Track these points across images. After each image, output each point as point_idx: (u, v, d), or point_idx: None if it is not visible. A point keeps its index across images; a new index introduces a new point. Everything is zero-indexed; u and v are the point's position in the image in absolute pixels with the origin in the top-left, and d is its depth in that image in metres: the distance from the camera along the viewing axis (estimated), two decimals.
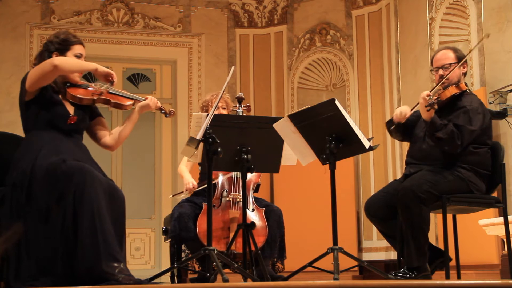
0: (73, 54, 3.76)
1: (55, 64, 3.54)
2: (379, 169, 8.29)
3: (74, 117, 3.67)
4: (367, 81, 8.52)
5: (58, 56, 3.71)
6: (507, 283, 2.81)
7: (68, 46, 3.76)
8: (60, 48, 3.75)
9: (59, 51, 3.74)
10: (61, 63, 3.57)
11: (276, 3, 9.15)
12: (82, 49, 3.80)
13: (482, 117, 4.11)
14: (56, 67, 3.55)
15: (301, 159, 4.08)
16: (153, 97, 3.92)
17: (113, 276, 3.30)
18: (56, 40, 3.77)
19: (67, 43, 3.76)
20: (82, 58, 3.79)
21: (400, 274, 3.95)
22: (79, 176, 3.40)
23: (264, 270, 3.99)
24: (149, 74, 9.05)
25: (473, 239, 5.94)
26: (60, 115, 3.64)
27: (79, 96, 3.70)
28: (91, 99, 3.72)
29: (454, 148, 4.03)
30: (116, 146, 3.92)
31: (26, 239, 3.38)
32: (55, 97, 3.67)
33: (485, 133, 4.17)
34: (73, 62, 3.70)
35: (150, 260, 8.72)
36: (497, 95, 5.94)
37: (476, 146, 4.12)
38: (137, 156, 8.79)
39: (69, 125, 3.66)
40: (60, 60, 3.60)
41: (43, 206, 3.39)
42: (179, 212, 4.50)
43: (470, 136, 4.05)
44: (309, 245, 6.50)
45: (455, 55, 4.28)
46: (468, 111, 4.09)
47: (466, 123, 4.05)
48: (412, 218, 3.96)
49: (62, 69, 3.59)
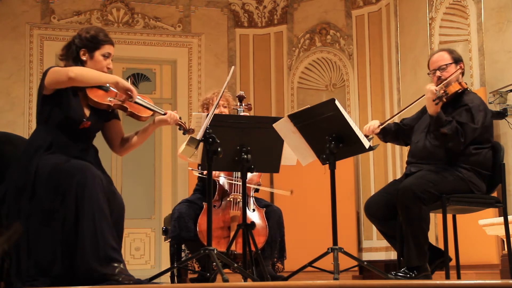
0: (102, 53, 3.67)
1: (70, 77, 3.46)
2: (379, 169, 8.29)
3: (87, 122, 3.60)
4: (367, 81, 8.52)
5: (86, 53, 3.65)
6: (507, 283, 2.81)
7: (98, 45, 3.67)
8: (89, 46, 3.66)
9: (87, 48, 3.66)
10: (77, 76, 3.48)
11: (276, 3, 9.15)
12: (112, 49, 3.71)
13: (484, 114, 4.12)
14: (71, 80, 3.47)
15: (301, 159, 4.08)
16: (173, 113, 3.79)
17: (113, 276, 3.30)
18: (86, 36, 3.67)
19: (97, 42, 3.67)
20: (110, 57, 3.70)
21: (401, 274, 3.95)
22: (81, 175, 3.39)
23: (264, 270, 3.99)
24: (149, 74, 9.05)
25: (473, 239, 5.94)
26: (74, 118, 3.57)
27: (96, 100, 3.58)
28: (107, 105, 3.61)
29: (458, 145, 4.03)
30: (123, 154, 3.89)
31: (27, 239, 3.37)
32: (73, 97, 3.59)
33: (487, 130, 4.17)
34: (90, 75, 3.57)
35: (150, 260, 8.72)
36: (497, 95, 5.94)
37: (478, 147, 4.12)
38: (137, 156, 8.78)
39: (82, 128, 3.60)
40: (76, 72, 3.49)
41: (46, 206, 3.38)
42: (179, 212, 4.50)
43: (473, 134, 4.05)
44: (309, 245, 6.50)
45: (450, 56, 4.29)
46: (471, 109, 4.09)
47: (469, 121, 4.05)
48: (411, 218, 3.96)
49: (77, 83, 3.51)
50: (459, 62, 4.26)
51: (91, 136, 3.71)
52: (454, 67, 4.24)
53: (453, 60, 4.27)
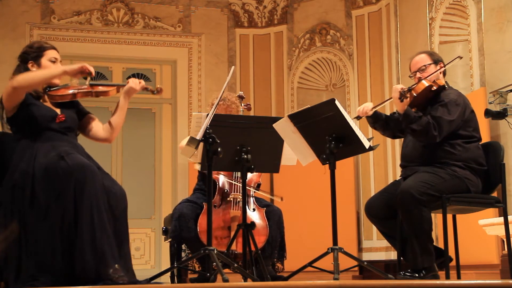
0: (48, 59, 3.77)
1: (13, 86, 3.56)
2: (379, 169, 8.29)
3: (61, 116, 3.68)
4: (367, 81, 8.52)
5: (34, 65, 3.74)
6: (507, 283, 2.81)
7: (41, 53, 3.78)
8: (34, 56, 3.78)
9: (34, 59, 3.77)
10: (19, 83, 3.57)
11: (276, 3, 9.15)
12: (56, 53, 3.82)
13: (461, 108, 4.13)
14: (16, 88, 3.56)
15: (301, 159, 4.08)
16: (135, 78, 3.91)
17: (107, 276, 3.32)
18: (30, 50, 3.81)
19: (39, 50, 3.79)
20: (58, 62, 3.80)
21: (409, 274, 3.95)
22: (79, 172, 3.41)
23: (264, 270, 3.99)
24: (149, 74, 9.04)
25: (473, 239, 5.94)
26: (47, 116, 3.65)
27: (59, 94, 3.72)
28: (71, 94, 3.74)
29: (431, 139, 4.06)
30: (112, 137, 3.90)
31: (26, 239, 3.38)
32: (36, 102, 3.68)
33: (468, 125, 4.18)
34: (33, 75, 3.66)
35: (150, 260, 8.72)
36: (497, 95, 5.94)
37: (464, 141, 4.13)
38: (137, 156, 8.79)
39: (59, 123, 3.66)
40: (18, 79, 3.59)
41: (44, 205, 3.40)
42: (180, 212, 4.50)
43: (449, 126, 4.07)
44: (309, 245, 6.50)
45: (430, 57, 4.34)
46: (446, 104, 4.12)
47: (443, 114, 4.07)
48: (414, 221, 3.96)
49: (23, 87, 3.59)
50: (438, 63, 4.30)
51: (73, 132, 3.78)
52: (434, 68, 4.28)
53: (433, 61, 4.30)
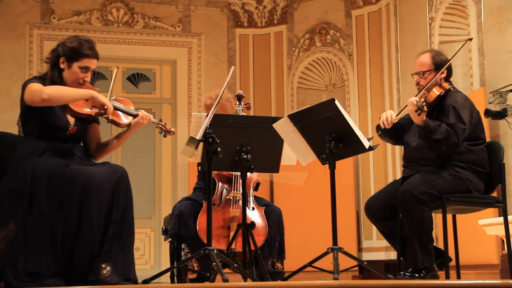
0: (80, 66, 3.63)
1: (43, 99, 3.46)
2: (379, 169, 8.29)
3: (73, 128, 3.63)
4: (367, 81, 8.52)
5: (64, 62, 3.62)
6: (507, 283, 2.81)
7: (77, 57, 3.63)
8: (68, 55, 3.63)
9: (66, 58, 3.63)
10: (51, 98, 3.47)
11: (276, 3, 9.15)
12: (93, 63, 3.65)
13: (470, 111, 4.13)
14: (44, 101, 3.47)
15: (301, 159, 4.08)
16: (145, 112, 3.82)
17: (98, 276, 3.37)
18: (69, 46, 3.64)
19: (77, 54, 3.63)
20: (89, 71, 3.67)
21: (409, 274, 3.95)
22: (84, 181, 3.42)
23: (263, 269, 3.99)
24: (149, 74, 9.04)
25: (473, 239, 5.94)
26: (59, 126, 3.60)
27: (76, 110, 3.60)
28: (88, 114, 3.64)
29: (453, 147, 4.04)
30: (98, 159, 3.88)
31: (25, 240, 3.38)
32: (55, 108, 3.60)
33: (477, 127, 4.18)
34: (64, 94, 3.54)
35: (150, 260, 8.71)
36: (497, 95, 5.94)
37: (471, 143, 4.13)
38: (137, 156, 8.78)
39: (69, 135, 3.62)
40: (50, 94, 3.47)
41: (46, 210, 3.39)
42: (179, 210, 4.50)
43: (463, 133, 4.07)
44: (309, 245, 6.49)
45: (432, 61, 4.26)
46: (455, 108, 4.10)
47: (458, 121, 4.06)
48: (414, 221, 3.96)
49: (52, 102, 3.50)
50: (440, 68, 4.23)
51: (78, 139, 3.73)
52: (434, 74, 4.23)
53: (434, 66, 4.25)
